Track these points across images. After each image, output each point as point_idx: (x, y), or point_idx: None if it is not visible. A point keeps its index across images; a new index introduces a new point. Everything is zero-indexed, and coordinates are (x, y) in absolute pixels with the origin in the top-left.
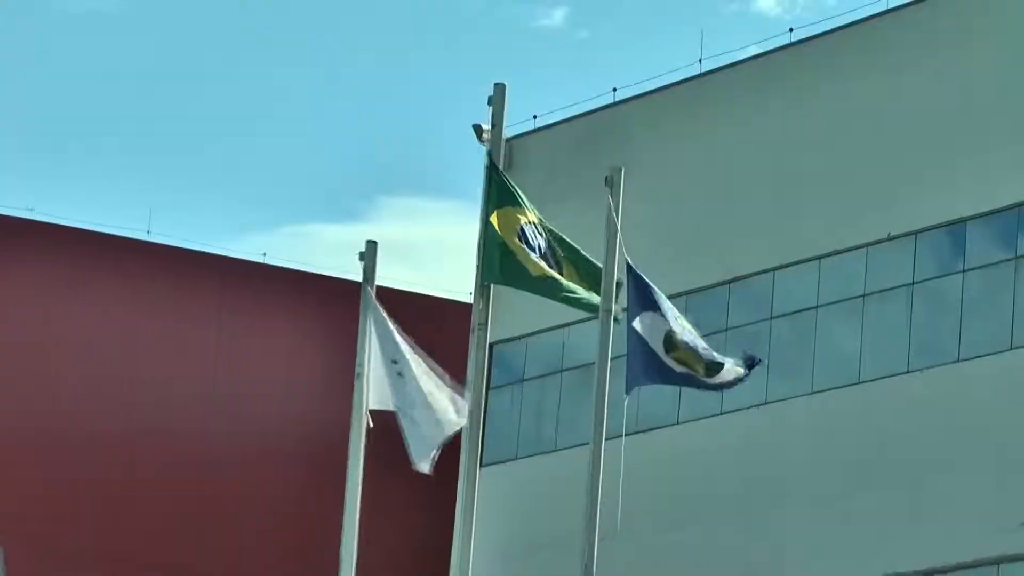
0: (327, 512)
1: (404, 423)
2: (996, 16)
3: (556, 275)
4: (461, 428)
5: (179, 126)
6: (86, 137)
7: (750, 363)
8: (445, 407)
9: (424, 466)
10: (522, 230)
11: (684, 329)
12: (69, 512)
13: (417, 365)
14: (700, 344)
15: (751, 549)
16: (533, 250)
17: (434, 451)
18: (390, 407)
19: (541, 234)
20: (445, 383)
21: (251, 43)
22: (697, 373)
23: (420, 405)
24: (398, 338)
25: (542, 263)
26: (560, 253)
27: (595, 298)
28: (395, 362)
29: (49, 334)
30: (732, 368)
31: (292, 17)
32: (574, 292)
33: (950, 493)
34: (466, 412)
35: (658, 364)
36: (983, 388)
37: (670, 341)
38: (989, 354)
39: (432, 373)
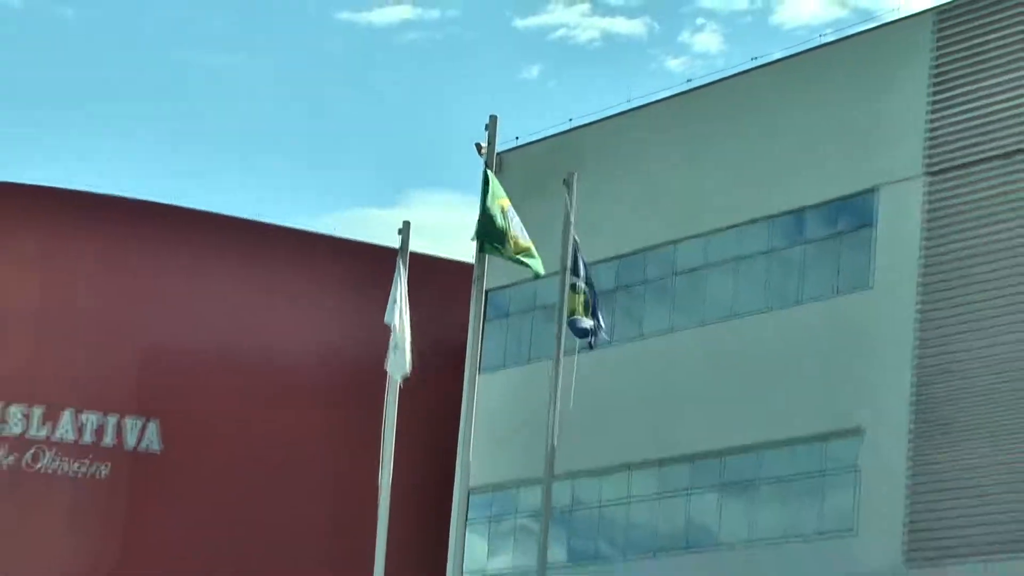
0: (371, 407)
1: (392, 344)
2: (831, 79)
3: (525, 245)
4: (409, 372)
5: (284, 146)
6: (212, 142)
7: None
8: (406, 354)
9: (396, 376)
10: (503, 211)
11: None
12: (206, 403)
13: (408, 317)
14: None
15: (661, 430)
16: (510, 227)
17: (398, 376)
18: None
19: (512, 217)
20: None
21: (328, 93)
22: (575, 313)
23: (400, 342)
24: (405, 301)
25: (517, 235)
26: (522, 230)
27: (536, 264)
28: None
29: (185, 296)
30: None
31: (364, 76)
32: (527, 258)
33: (794, 390)
34: (409, 363)
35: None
36: (816, 322)
37: (573, 289)
38: (819, 299)
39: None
